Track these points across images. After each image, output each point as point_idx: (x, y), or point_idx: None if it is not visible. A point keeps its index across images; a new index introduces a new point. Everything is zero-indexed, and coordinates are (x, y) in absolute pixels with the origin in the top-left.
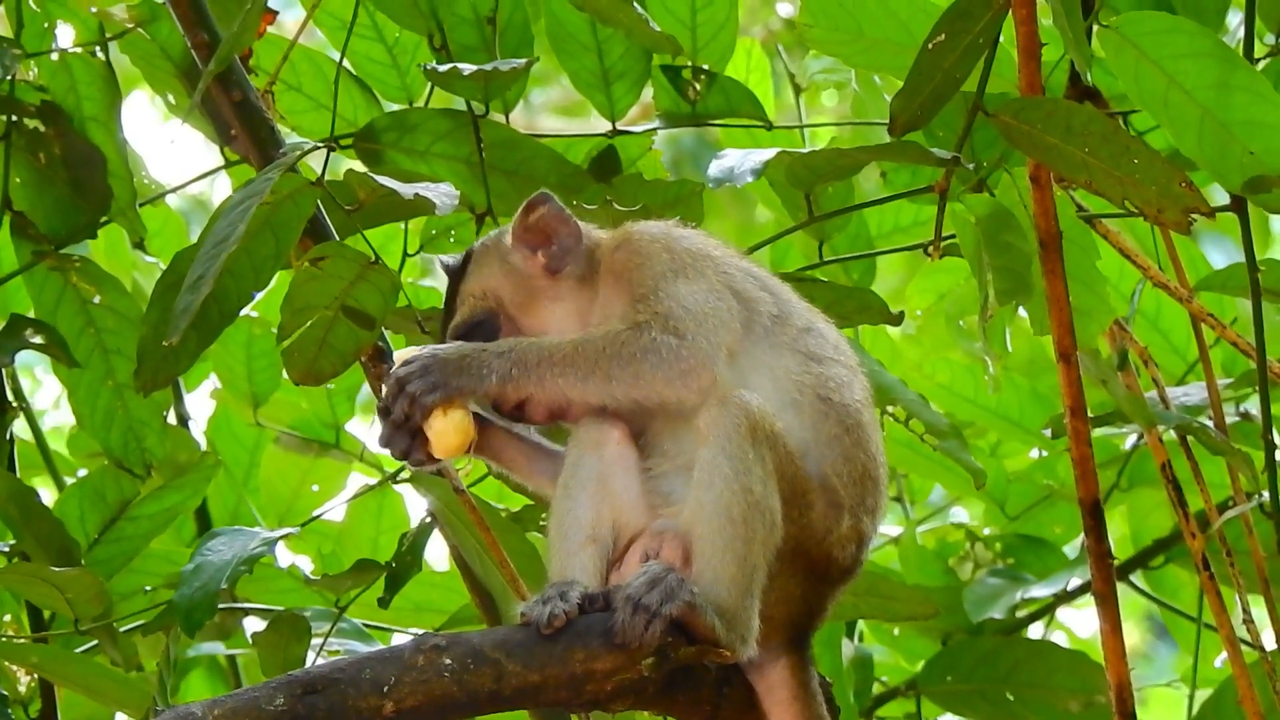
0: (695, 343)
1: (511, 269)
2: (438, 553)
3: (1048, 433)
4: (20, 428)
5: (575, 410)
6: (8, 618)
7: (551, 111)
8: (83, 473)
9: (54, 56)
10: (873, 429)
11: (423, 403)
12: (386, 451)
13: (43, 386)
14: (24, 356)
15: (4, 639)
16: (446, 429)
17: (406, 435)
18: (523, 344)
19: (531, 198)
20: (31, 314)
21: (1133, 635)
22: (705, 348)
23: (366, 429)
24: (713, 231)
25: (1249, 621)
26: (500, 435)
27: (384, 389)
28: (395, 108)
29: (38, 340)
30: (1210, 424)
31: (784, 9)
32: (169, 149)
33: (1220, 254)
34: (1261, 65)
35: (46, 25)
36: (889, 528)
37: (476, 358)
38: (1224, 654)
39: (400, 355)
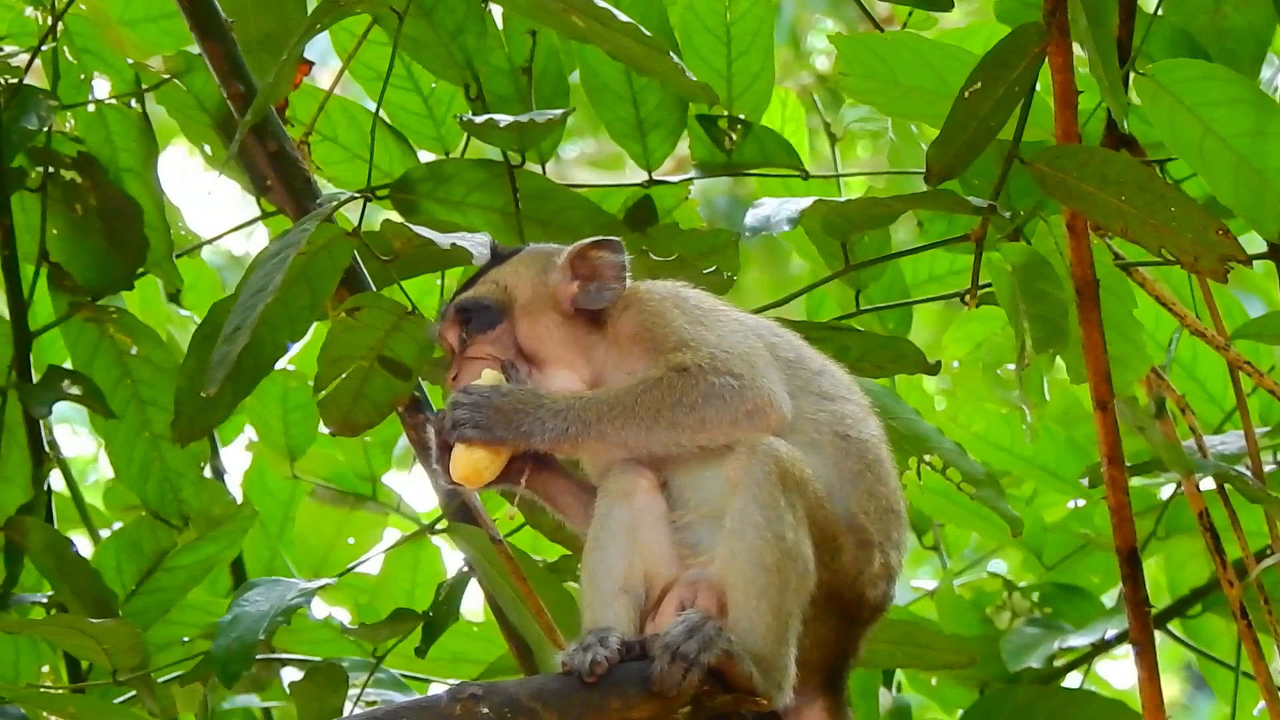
0: (755, 383)
1: (544, 281)
2: (474, 603)
3: (1085, 481)
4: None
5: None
6: (46, 668)
7: (585, 164)
8: (118, 525)
9: (90, 108)
10: (891, 464)
11: (461, 433)
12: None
13: (80, 437)
14: (63, 410)
15: (42, 689)
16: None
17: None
18: (579, 401)
19: (605, 237)
20: (68, 365)
21: (1171, 687)
22: (766, 386)
23: (403, 480)
24: (746, 283)
25: None
26: (558, 481)
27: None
28: (431, 158)
29: (74, 391)
30: (1248, 472)
31: (818, 63)
32: (206, 200)
33: (1254, 310)
34: None
35: (83, 77)
36: (925, 581)
37: (532, 414)
38: (1262, 703)
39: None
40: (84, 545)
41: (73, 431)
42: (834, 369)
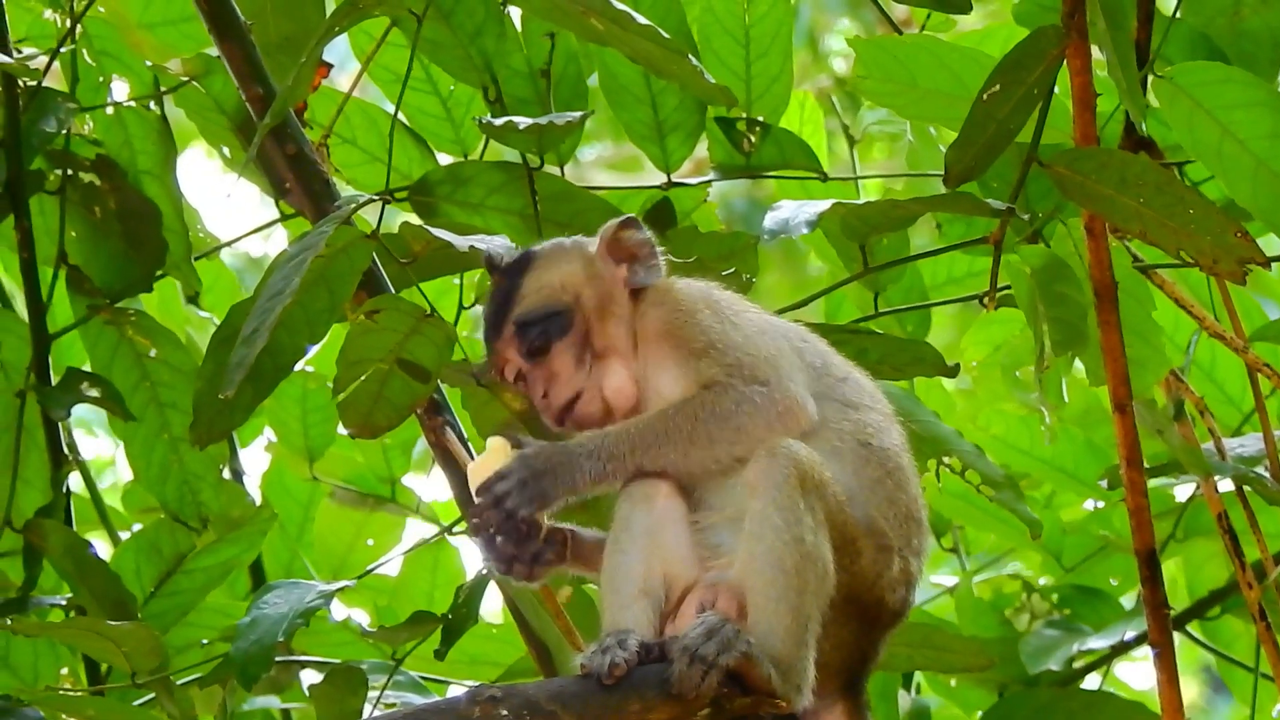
0: (782, 385)
1: (596, 273)
2: (493, 605)
3: (1103, 483)
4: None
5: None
6: (65, 671)
7: (604, 167)
8: (137, 527)
9: (109, 110)
10: (912, 472)
11: (521, 517)
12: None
13: (98, 439)
14: (81, 412)
15: (61, 692)
16: None
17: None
18: (609, 438)
19: (624, 218)
20: (87, 367)
21: (1190, 689)
22: (793, 389)
23: (422, 482)
24: (764, 286)
25: None
26: (591, 546)
27: (477, 504)
28: (449, 160)
29: (93, 394)
30: (1266, 474)
31: (837, 66)
32: (225, 203)
33: (1273, 312)
34: None
35: (101, 79)
36: (945, 578)
37: (567, 463)
38: None
39: (473, 470)
40: (103, 548)
41: (89, 433)
42: (859, 376)
